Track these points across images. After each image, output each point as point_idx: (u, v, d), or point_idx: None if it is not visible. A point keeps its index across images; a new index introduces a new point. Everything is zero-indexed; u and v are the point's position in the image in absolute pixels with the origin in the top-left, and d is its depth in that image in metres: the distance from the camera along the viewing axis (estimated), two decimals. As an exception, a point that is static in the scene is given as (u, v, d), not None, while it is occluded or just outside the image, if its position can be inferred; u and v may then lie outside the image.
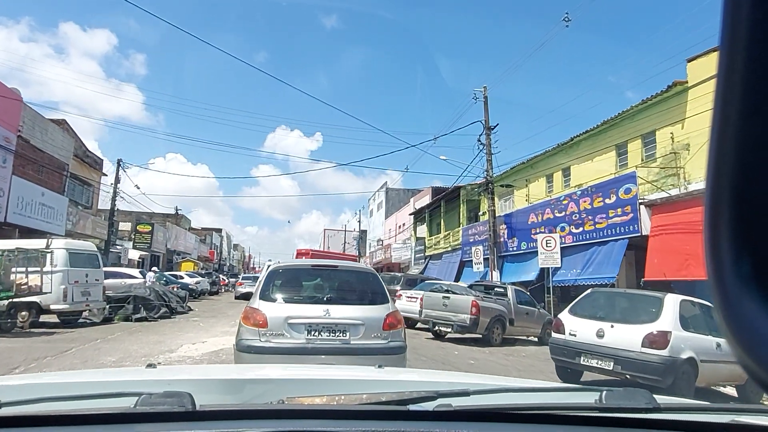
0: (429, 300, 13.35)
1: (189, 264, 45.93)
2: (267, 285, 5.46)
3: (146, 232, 40.58)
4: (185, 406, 1.12)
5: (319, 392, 1.57)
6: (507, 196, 25.53)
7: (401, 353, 5.22)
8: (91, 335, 11.29)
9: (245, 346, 4.95)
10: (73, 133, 27.13)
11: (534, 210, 19.72)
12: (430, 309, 13.22)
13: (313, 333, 5.04)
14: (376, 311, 5.29)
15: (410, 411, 1.24)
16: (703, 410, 1.43)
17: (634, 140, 16.48)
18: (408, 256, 39.28)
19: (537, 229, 19.22)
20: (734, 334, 0.41)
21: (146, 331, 12.46)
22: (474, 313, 12.30)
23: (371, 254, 54.04)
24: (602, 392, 1.31)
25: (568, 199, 17.43)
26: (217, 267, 75.91)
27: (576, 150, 19.69)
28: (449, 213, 32.20)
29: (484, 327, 12.49)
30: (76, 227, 25.89)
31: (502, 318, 13.00)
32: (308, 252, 36.98)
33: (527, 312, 14.10)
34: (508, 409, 1.28)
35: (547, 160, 21.84)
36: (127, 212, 41.44)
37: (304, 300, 5.47)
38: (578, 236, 16.71)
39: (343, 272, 5.96)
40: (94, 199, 30.59)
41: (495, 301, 13.11)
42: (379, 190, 58.92)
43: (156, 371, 1.89)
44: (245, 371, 2.47)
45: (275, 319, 5.02)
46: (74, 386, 1.63)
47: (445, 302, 12.87)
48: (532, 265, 19.28)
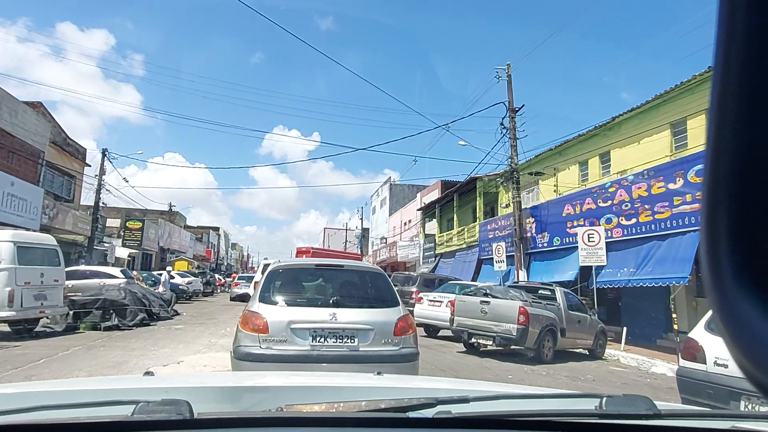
0: (463, 305, 10.86)
1: (183, 263, 43.40)
2: (267, 286, 5.06)
3: (136, 229, 38.02)
4: (183, 414, 1.11)
5: (317, 399, 1.56)
6: (530, 188, 23.04)
7: (414, 360, 4.90)
8: (37, 352, 8.79)
9: (244, 353, 4.56)
10: (51, 117, 24.58)
11: (570, 200, 17.23)
12: (465, 316, 10.73)
13: (318, 339, 4.69)
14: (387, 315, 4.95)
15: (410, 418, 1.24)
16: (703, 416, 1.44)
17: (694, 116, 14.00)
18: (415, 255, 36.76)
19: (574, 222, 16.73)
20: (733, 337, 0.40)
21: (111, 345, 9.96)
22: (522, 322, 9.82)
23: (374, 253, 51.47)
24: (602, 398, 1.32)
25: (617, 185, 14.92)
26: (214, 266, 73.70)
27: (618, 132, 17.21)
28: (463, 207, 29.72)
29: (534, 339, 10.02)
30: (54, 222, 23.33)
31: (554, 328, 10.53)
32: (309, 250, 34.13)
33: (579, 320, 11.63)
34: (508, 415, 1.27)
35: (580, 146, 19.36)
36: (117, 209, 39.05)
37: (308, 303, 5.11)
38: (630, 229, 14.22)
39: (349, 272, 5.53)
40: (76, 192, 28.07)
41: (545, 307, 10.63)
42: (382, 186, 56.42)
43: (153, 379, 1.86)
44: (243, 379, 2.41)
45: (277, 324, 4.66)
46: (70, 394, 1.60)
47: (484, 308, 10.39)
48: (568, 263, 16.81)
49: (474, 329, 10.50)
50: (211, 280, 34.99)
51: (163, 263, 44.61)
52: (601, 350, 12.46)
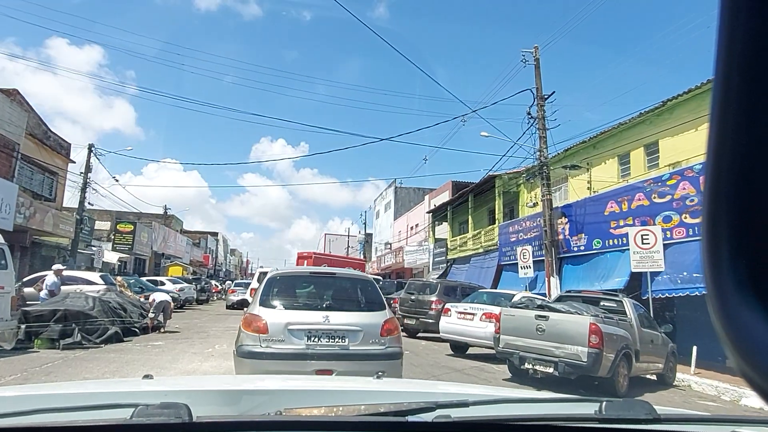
0: (512, 321, 8.57)
1: (177, 268, 41.11)
2: (267, 292, 5.49)
3: (127, 233, 35.68)
4: (182, 417, 1.10)
5: (317, 403, 1.55)
6: (558, 186, 20.79)
7: (398, 359, 5.32)
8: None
9: (246, 351, 4.99)
10: (29, 107, 22.37)
11: (615, 196, 14.98)
12: (514, 335, 8.45)
13: (312, 339, 5.11)
14: (374, 318, 5.37)
15: (409, 422, 1.23)
16: (703, 421, 1.43)
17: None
18: (424, 260, 34.37)
19: (620, 222, 14.51)
20: (733, 342, 0.41)
21: (59, 372, 7.64)
22: (595, 345, 7.55)
23: (379, 259, 49.07)
24: (602, 403, 1.30)
25: (678, 177, 12.68)
26: (212, 272, 71.35)
27: (668, 119, 15.00)
28: (478, 209, 27.48)
29: (609, 366, 7.75)
30: (31, 222, 21.03)
31: (629, 350, 8.26)
32: (311, 255, 31.65)
33: (652, 339, 9.38)
34: (507, 420, 1.26)
35: (620, 136, 17.15)
36: (108, 212, 36.79)
37: (304, 306, 5.57)
38: (697, 229, 11.96)
39: (340, 279, 6.03)
40: (59, 191, 25.83)
41: (617, 324, 8.35)
42: (387, 189, 54.16)
43: (152, 382, 1.84)
44: (243, 382, 2.46)
45: (276, 325, 5.08)
46: (70, 397, 1.61)
47: (541, 325, 8.12)
48: (613, 269, 14.54)
49: (529, 352, 8.20)
50: (206, 287, 32.59)
51: (157, 269, 42.33)
52: (671, 375, 10.20)
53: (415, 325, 15.25)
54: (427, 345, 13.85)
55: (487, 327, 10.76)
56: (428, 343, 14.20)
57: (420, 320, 14.98)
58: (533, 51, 18.68)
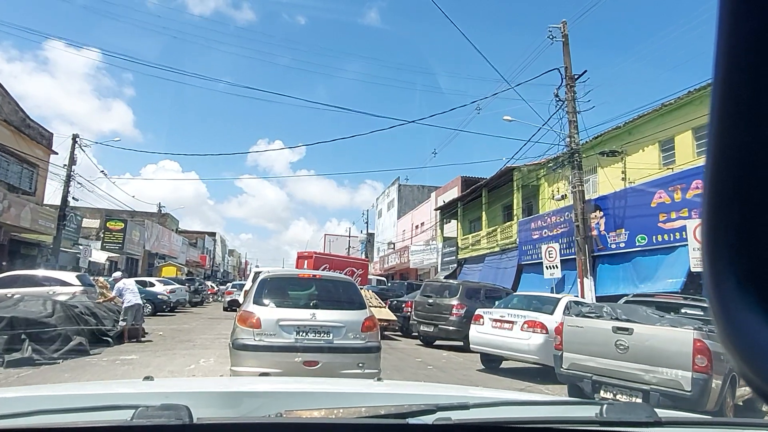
0: (580, 335, 6.62)
1: (171, 268, 39.19)
2: (260, 291, 6.00)
3: (118, 231, 33.69)
4: (182, 419, 1.09)
5: (317, 405, 1.51)
6: (585, 177, 18.82)
7: (377, 352, 5.90)
8: None
9: (241, 344, 5.50)
10: (4, 91, 20.40)
11: (665, 184, 13.06)
12: (584, 353, 6.51)
13: (301, 333, 5.62)
14: (355, 315, 5.92)
15: (409, 424, 1.21)
16: (704, 424, 1.41)
17: None
18: (432, 260, 32.36)
19: (672, 214, 12.60)
20: (734, 344, 0.41)
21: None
22: (702, 368, 5.63)
23: (381, 259, 47.07)
24: (603, 406, 1.28)
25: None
26: (209, 273, 69.38)
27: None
28: (493, 205, 25.54)
29: (717, 396, 5.82)
30: (5, 216, 19.05)
31: (735, 373, 6.31)
32: (311, 255, 29.57)
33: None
34: (508, 422, 1.24)
35: (660, 120, 15.25)
36: (99, 209, 34.84)
37: (293, 304, 6.06)
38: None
39: (325, 281, 6.68)
40: (39, 184, 23.87)
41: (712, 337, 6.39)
42: (390, 187, 52.22)
43: (153, 384, 1.83)
44: (243, 384, 2.52)
45: (268, 321, 5.60)
46: (70, 399, 1.59)
47: (622, 340, 6.17)
48: (665, 268, 12.63)
49: (604, 375, 6.26)
50: (200, 288, 30.53)
51: (150, 269, 40.37)
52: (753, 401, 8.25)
53: (434, 333, 13.29)
54: (449, 357, 11.90)
55: (531, 338, 8.84)
56: (450, 354, 12.25)
57: (439, 327, 13.01)
58: (561, 26, 16.80)
